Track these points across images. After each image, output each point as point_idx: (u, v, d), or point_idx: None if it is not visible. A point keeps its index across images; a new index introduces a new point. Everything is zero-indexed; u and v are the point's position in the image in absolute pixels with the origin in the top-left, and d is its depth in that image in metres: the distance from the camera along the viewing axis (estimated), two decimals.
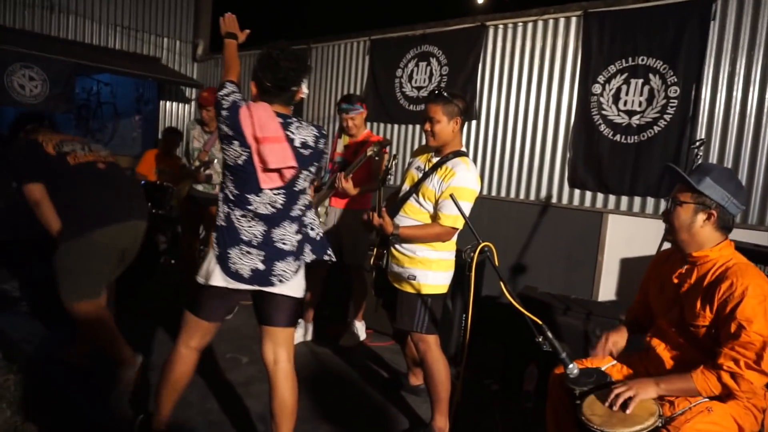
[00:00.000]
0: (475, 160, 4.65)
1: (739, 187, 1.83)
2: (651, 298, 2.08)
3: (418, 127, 5.07)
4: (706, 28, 3.55)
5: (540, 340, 1.93)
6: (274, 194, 2.11)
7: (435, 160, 2.60)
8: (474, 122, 4.66)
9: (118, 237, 2.85)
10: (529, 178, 4.40)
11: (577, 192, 4.16)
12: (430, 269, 2.60)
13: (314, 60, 6.02)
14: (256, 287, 2.16)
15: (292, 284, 2.22)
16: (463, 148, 2.62)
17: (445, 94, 2.50)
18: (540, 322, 1.94)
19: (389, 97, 5.25)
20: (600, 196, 4.05)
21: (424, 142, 2.71)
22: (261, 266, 2.13)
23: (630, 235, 3.85)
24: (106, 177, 2.93)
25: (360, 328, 4.05)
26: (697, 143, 3.26)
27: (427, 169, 2.60)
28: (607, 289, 3.94)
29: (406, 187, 2.70)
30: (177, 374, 2.25)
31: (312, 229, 2.33)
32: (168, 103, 7.96)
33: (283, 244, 2.16)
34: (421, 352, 2.68)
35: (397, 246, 2.65)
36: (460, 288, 3.37)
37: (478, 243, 1.97)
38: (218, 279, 2.13)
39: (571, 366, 1.89)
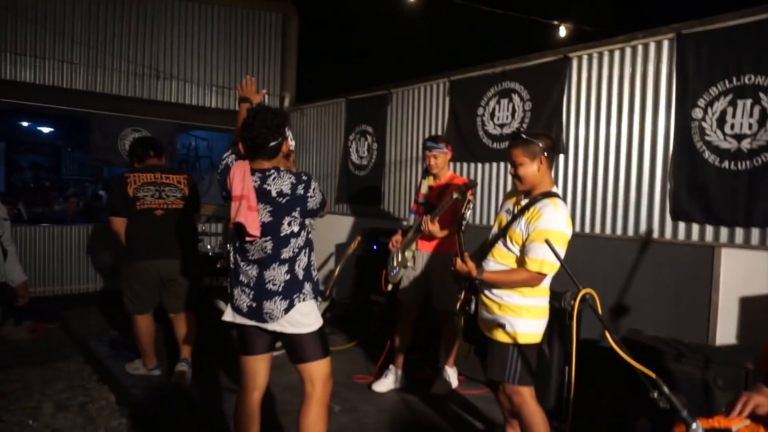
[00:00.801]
0: (565, 196, 4.44)
1: None
2: None
3: (502, 165, 4.96)
4: None
5: (655, 396, 1.74)
6: (263, 241, 2.34)
7: (524, 202, 2.50)
8: (562, 156, 4.48)
9: (151, 267, 3.76)
10: (625, 212, 4.12)
11: (681, 225, 3.83)
12: (521, 316, 2.47)
13: (394, 104, 6.13)
14: (255, 322, 2.41)
15: (285, 321, 2.36)
16: (554, 188, 2.50)
17: (524, 135, 2.43)
18: (654, 375, 1.74)
19: (471, 136, 5.20)
20: (709, 228, 3.70)
21: (509, 180, 2.64)
22: (253, 304, 2.39)
23: (749, 270, 3.46)
24: (156, 222, 3.78)
25: (452, 374, 3.91)
26: None
27: (515, 211, 2.51)
28: (725, 332, 3.54)
29: (495, 230, 2.62)
30: (243, 418, 2.49)
31: (310, 269, 2.47)
32: None
33: (273, 285, 2.36)
34: (515, 405, 2.53)
35: (485, 291, 2.56)
36: (558, 334, 3.16)
37: (579, 290, 1.84)
38: (228, 314, 2.49)
39: (694, 426, 1.68)
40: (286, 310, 2.35)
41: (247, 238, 2.32)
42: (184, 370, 3.80)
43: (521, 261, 2.44)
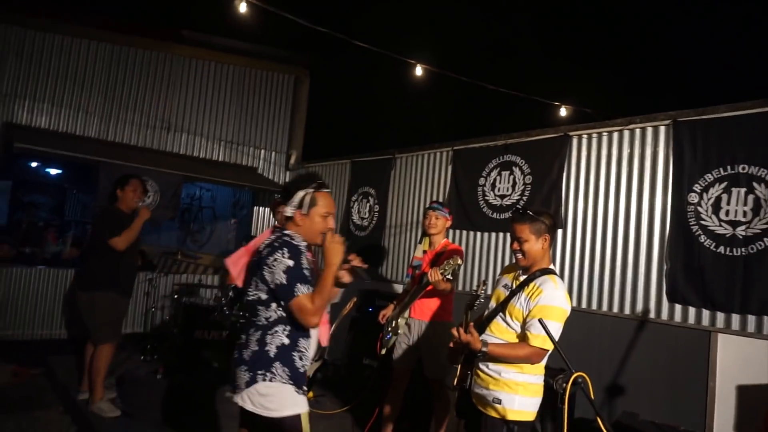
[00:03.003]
0: (563, 270, 4.47)
1: None
2: None
3: (501, 235, 5.01)
4: None
5: None
6: (247, 298, 2.25)
7: (522, 278, 2.53)
8: (560, 231, 4.54)
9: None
10: (622, 291, 4.13)
11: (678, 307, 3.83)
12: (517, 393, 2.44)
13: (398, 169, 6.26)
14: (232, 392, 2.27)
15: (246, 395, 2.15)
16: (552, 266, 2.54)
17: (530, 212, 2.48)
18: None
19: (472, 205, 5.28)
20: (706, 313, 3.70)
21: (507, 250, 2.67)
22: (233, 367, 2.25)
23: (745, 358, 3.43)
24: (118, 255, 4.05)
25: None
26: None
27: (514, 287, 2.52)
28: (723, 420, 3.46)
29: (492, 304, 2.62)
30: None
31: (289, 353, 2.17)
32: (261, 209, 8.50)
33: (244, 349, 2.20)
34: None
35: (481, 366, 2.54)
36: (551, 413, 3.10)
37: (571, 373, 1.83)
38: None
39: None
40: (248, 384, 2.14)
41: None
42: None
43: (522, 336, 2.44)
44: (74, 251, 8.56)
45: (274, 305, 2.18)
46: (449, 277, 2.69)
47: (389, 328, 3.80)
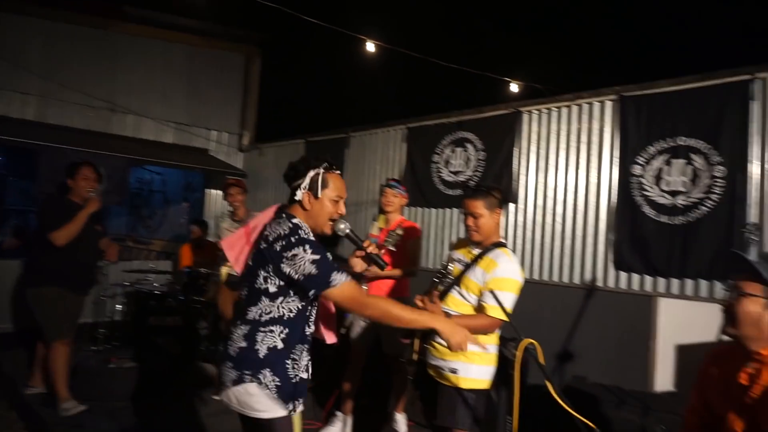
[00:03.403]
0: (515, 243, 4.59)
1: None
2: (713, 402, 1.90)
3: (455, 211, 5.09)
4: (746, 108, 3.51)
5: None
6: (242, 287, 2.01)
7: (476, 252, 2.57)
8: (512, 205, 4.64)
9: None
10: (572, 261, 4.28)
11: (623, 275, 4.01)
12: (473, 362, 2.50)
13: (352, 147, 6.24)
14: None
15: (231, 394, 1.91)
16: (503, 239, 2.60)
17: (483, 187, 2.53)
18: (593, 426, 1.80)
19: (426, 182, 5.33)
20: (648, 279, 3.89)
21: (462, 226, 2.71)
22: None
23: (685, 320, 3.64)
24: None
25: (401, 420, 3.87)
26: (749, 226, 3.12)
27: (469, 261, 2.57)
28: (664, 380, 3.68)
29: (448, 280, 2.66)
30: None
31: (282, 359, 1.91)
32: (213, 191, 8.32)
33: (230, 343, 1.95)
34: None
35: (438, 338, 2.58)
36: (505, 380, 3.20)
37: (521, 340, 1.89)
38: None
39: None
40: (234, 383, 1.89)
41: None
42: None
43: (478, 309, 2.49)
44: (14, 242, 8.15)
45: (280, 299, 1.91)
46: (391, 248, 2.71)
47: None
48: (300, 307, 1.95)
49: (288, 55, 11.31)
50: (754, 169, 3.48)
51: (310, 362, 2.06)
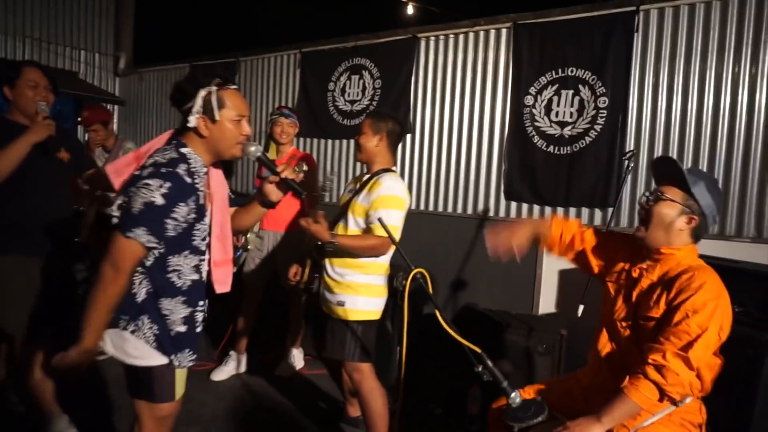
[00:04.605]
0: (411, 174, 4.56)
1: (720, 203, 1.80)
2: (605, 272, 2.00)
3: (352, 142, 4.92)
4: (631, 40, 3.60)
5: (480, 369, 1.81)
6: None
7: (365, 178, 2.53)
8: (409, 136, 4.56)
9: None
10: (466, 192, 4.33)
11: (513, 204, 4.12)
12: (360, 294, 2.48)
13: (242, 73, 5.78)
14: None
15: (107, 338, 1.70)
16: (394, 168, 2.55)
17: (382, 112, 2.59)
18: (479, 350, 1.81)
19: (322, 112, 5.08)
20: (536, 208, 4.03)
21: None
22: None
23: None
24: None
25: (297, 355, 3.83)
26: (628, 154, 3.27)
27: (357, 188, 2.50)
28: (547, 303, 3.90)
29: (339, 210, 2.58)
30: None
31: (156, 303, 1.72)
32: None
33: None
34: (355, 383, 2.54)
35: (327, 270, 2.52)
36: (398, 312, 3.22)
37: (411, 270, 1.83)
38: None
39: (513, 395, 1.78)
40: (109, 325, 1.69)
41: None
42: None
43: (367, 231, 2.44)
44: None
45: None
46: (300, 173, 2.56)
47: (239, 245, 3.63)
48: (158, 255, 1.68)
49: None
50: (635, 100, 3.63)
51: (197, 315, 1.85)
